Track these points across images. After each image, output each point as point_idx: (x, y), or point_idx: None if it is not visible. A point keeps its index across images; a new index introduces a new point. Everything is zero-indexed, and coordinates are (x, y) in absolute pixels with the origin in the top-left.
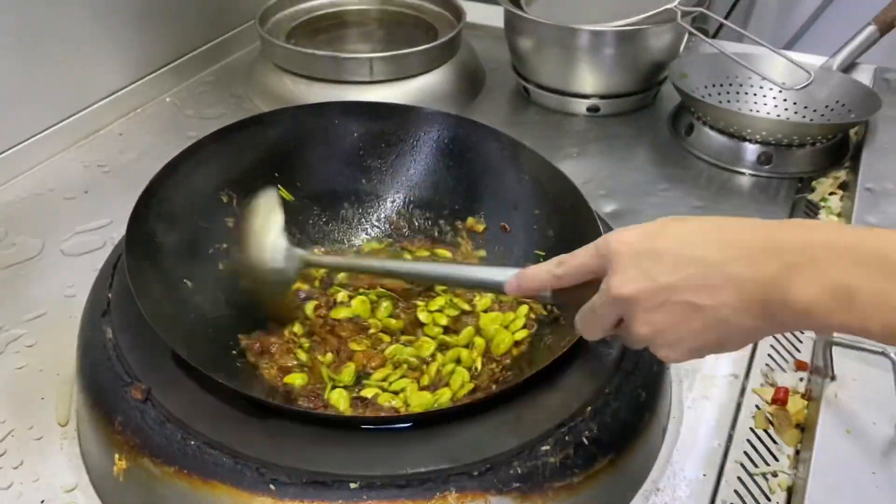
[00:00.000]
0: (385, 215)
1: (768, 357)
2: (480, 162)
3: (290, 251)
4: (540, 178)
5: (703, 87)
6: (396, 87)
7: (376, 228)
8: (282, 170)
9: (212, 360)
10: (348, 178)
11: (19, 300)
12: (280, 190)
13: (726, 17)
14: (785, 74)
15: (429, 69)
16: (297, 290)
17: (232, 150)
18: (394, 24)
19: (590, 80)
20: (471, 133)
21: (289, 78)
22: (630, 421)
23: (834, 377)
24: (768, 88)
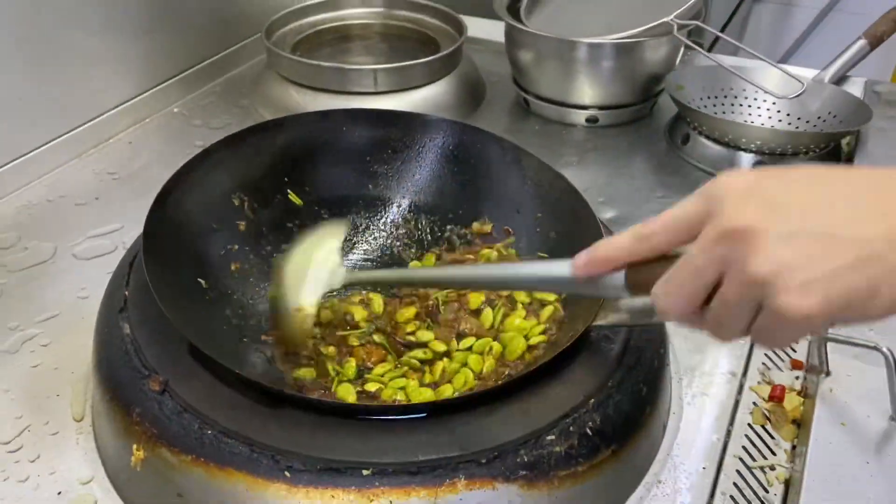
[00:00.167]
0: (391, 220)
1: (765, 356)
2: (484, 167)
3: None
4: (542, 182)
5: (698, 99)
6: (399, 98)
7: (383, 233)
8: (291, 175)
9: (227, 353)
10: (356, 183)
11: (34, 301)
12: (289, 194)
13: (721, 31)
14: (778, 86)
15: (431, 81)
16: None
17: (244, 155)
18: (396, 37)
19: (589, 91)
20: (474, 139)
21: (294, 89)
22: (632, 414)
23: (829, 373)
24: (762, 100)
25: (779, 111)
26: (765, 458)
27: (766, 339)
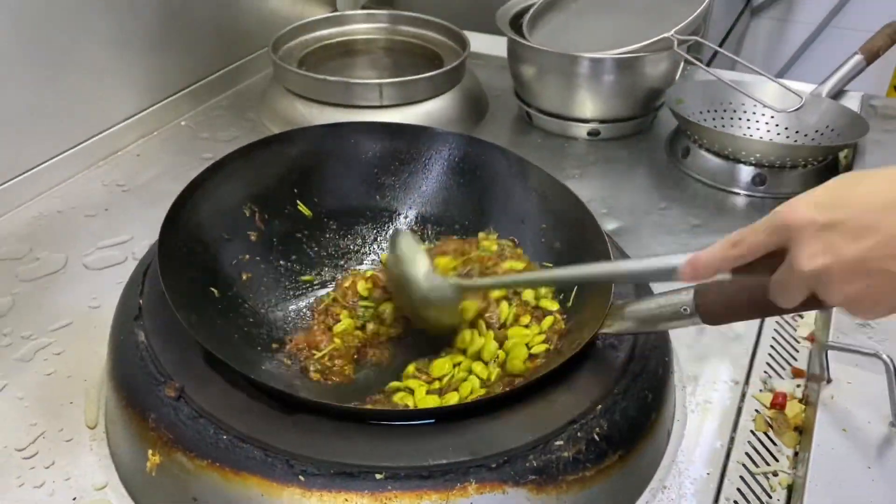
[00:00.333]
0: (398, 230)
1: (766, 365)
2: (489, 179)
3: (445, 285)
4: (546, 194)
5: (698, 112)
6: (404, 112)
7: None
8: (301, 186)
9: (240, 360)
10: (363, 194)
11: (46, 311)
12: (299, 205)
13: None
14: (776, 100)
15: (435, 95)
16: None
17: (255, 167)
18: (401, 52)
19: (590, 105)
20: (480, 151)
21: (301, 102)
22: (638, 420)
23: (830, 380)
24: (761, 114)
25: (777, 125)
26: (767, 464)
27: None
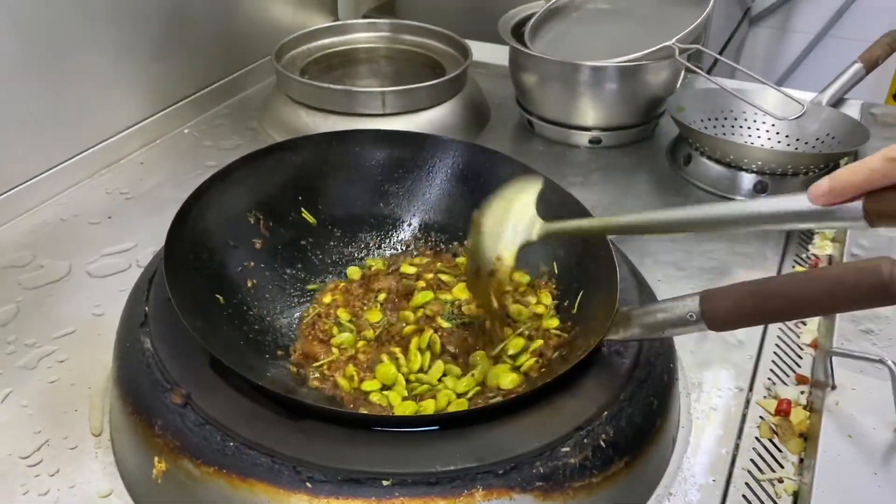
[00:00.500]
0: (402, 238)
1: (770, 372)
2: (493, 186)
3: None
4: (550, 201)
5: (699, 120)
6: (407, 120)
7: (394, 251)
8: (305, 194)
9: (246, 366)
10: (367, 202)
11: (50, 318)
12: (303, 213)
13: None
14: (777, 108)
15: (437, 103)
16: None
17: (259, 174)
18: (403, 61)
19: (592, 113)
20: (483, 159)
21: (304, 111)
22: (643, 426)
23: (834, 386)
24: (761, 122)
25: (778, 132)
26: (773, 470)
27: None
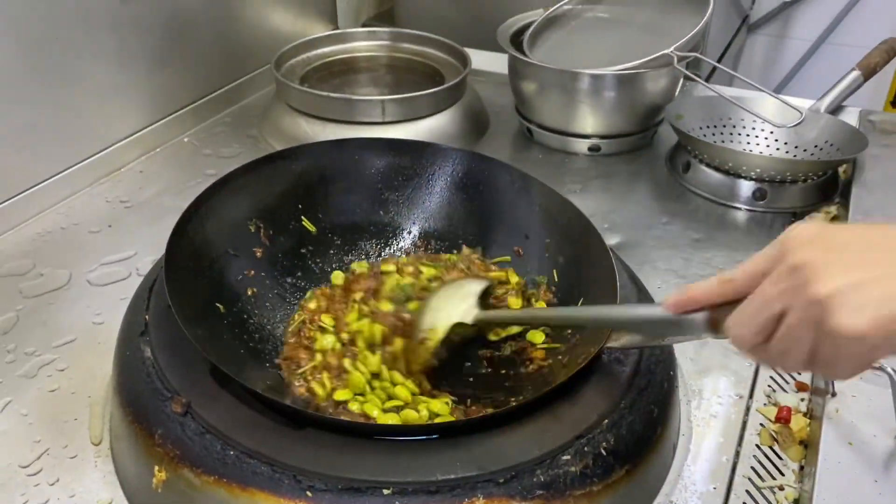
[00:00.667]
0: (402, 246)
1: (770, 379)
2: (492, 194)
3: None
4: (550, 209)
5: (698, 128)
6: (406, 128)
7: (394, 258)
8: (305, 202)
9: (247, 375)
10: (367, 210)
11: (50, 327)
12: (303, 221)
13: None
14: (776, 115)
15: (437, 111)
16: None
17: (260, 183)
18: (402, 69)
19: (591, 121)
20: (483, 167)
21: (303, 119)
22: (644, 434)
23: (834, 393)
24: (760, 129)
25: (776, 140)
26: (773, 478)
27: (827, 368)
